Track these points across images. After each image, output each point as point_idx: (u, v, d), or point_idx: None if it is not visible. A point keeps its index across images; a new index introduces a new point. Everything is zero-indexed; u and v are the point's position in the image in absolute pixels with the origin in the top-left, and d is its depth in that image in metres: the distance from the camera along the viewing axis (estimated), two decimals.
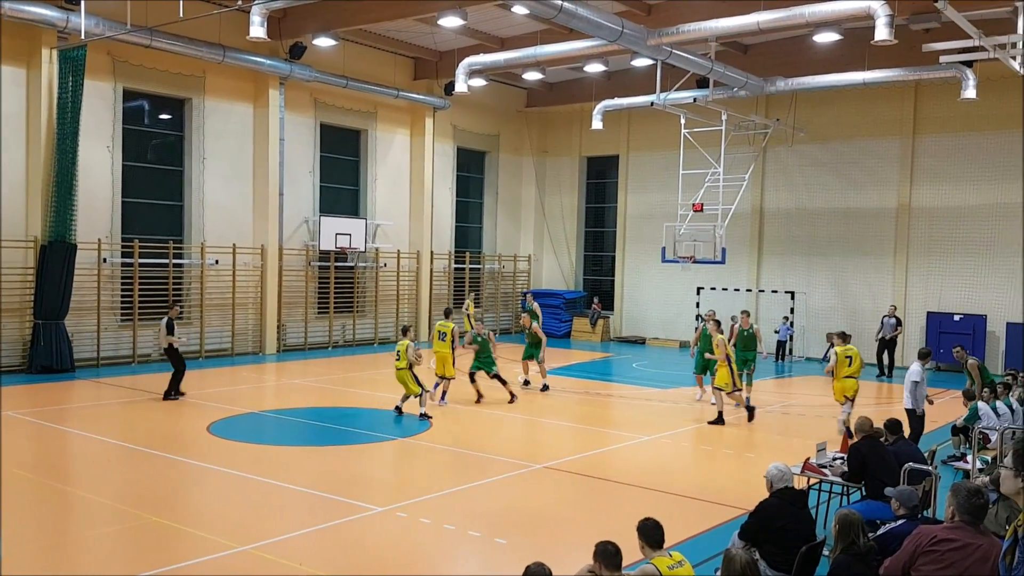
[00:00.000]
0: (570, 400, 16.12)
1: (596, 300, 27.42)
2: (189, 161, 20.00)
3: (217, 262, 20.20)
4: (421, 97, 24.01)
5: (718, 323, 14.11)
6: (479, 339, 15.27)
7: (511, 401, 14.99)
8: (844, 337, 12.81)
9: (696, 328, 16.10)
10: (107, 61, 18.16)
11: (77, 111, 17.00)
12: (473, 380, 15.16)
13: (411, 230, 25.06)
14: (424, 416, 13.20)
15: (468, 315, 22.30)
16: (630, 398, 16.38)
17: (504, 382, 15.07)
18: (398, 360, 13.40)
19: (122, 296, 18.72)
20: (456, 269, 26.85)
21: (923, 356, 11.69)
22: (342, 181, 23.77)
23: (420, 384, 13.36)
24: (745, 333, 15.71)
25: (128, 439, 11.37)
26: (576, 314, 27.88)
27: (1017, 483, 3.66)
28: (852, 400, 12.60)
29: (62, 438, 11.52)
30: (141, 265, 18.82)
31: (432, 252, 25.44)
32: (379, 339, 24.12)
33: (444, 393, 14.77)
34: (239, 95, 20.62)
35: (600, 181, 29.35)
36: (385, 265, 24.30)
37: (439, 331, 14.71)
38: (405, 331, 13.83)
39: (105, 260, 18.28)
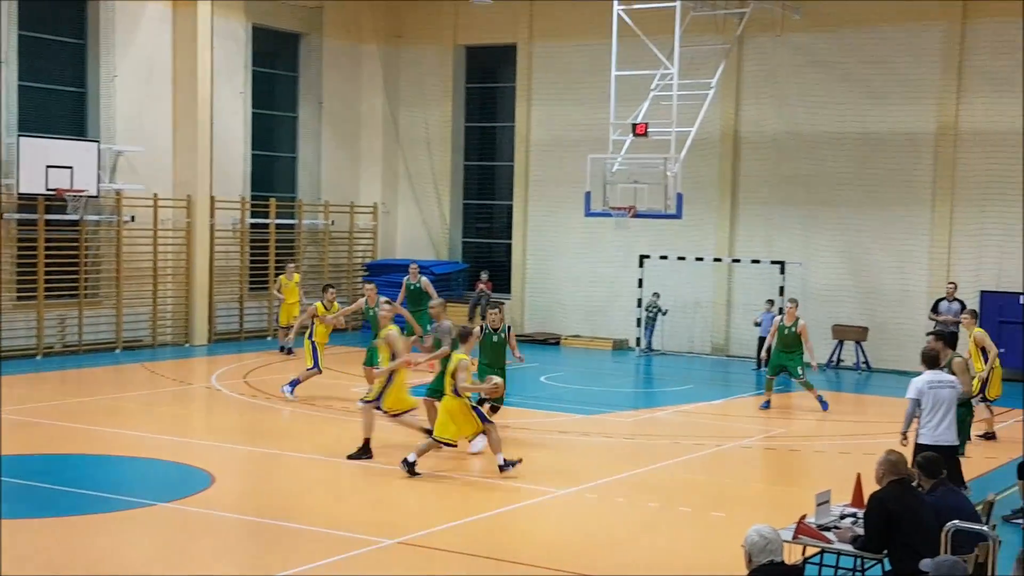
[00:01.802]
0: None
1: (483, 277, 27.52)
2: None
3: None
4: None
5: (389, 303, 15.38)
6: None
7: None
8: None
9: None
10: None
11: None
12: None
13: (177, 162, 24.44)
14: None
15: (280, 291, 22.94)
16: (537, 430, 16.49)
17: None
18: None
19: None
20: (254, 227, 26.37)
21: (929, 361, 11.59)
22: (56, 79, 22.93)
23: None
24: (786, 331, 17.61)
25: None
26: (451, 299, 27.83)
27: None
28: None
29: None
30: None
31: (213, 199, 24.92)
32: (123, 342, 23.50)
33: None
34: None
35: (488, 86, 29.19)
36: (133, 219, 23.66)
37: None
38: (465, 337, 13.37)
39: None
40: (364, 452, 13.62)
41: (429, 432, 13.37)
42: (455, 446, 13.22)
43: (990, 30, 22.67)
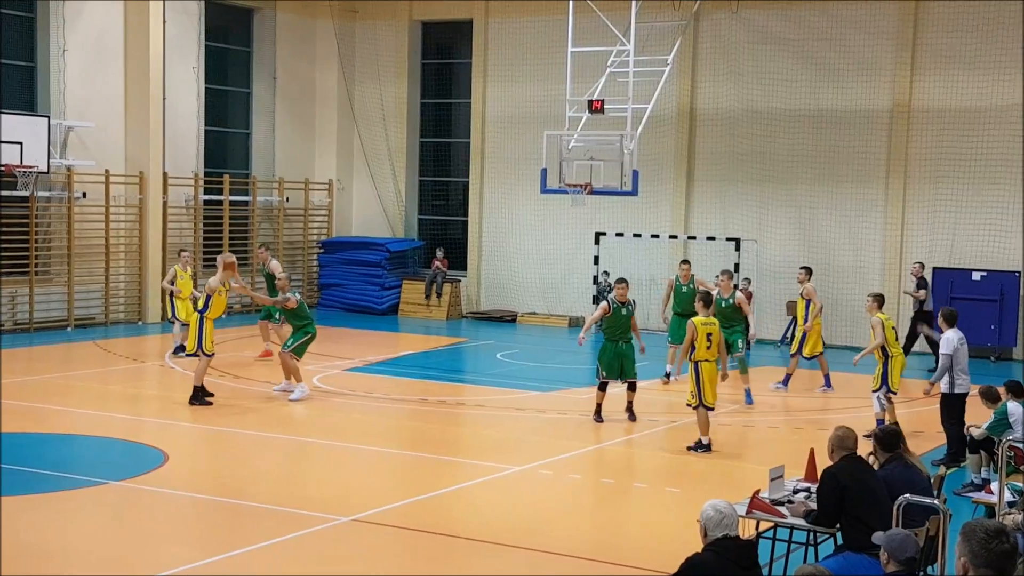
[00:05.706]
0: (396, 413, 16.14)
1: (439, 255, 27.50)
2: None
3: None
4: None
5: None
6: None
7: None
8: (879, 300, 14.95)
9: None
10: None
11: None
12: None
13: (129, 138, 24.21)
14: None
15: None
16: (492, 408, 16.57)
17: None
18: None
19: None
20: (208, 203, 26.22)
21: (951, 319, 13.49)
22: (4, 53, 22.57)
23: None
24: (723, 303, 16.91)
25: None
26: (407, 276, 27.83)
27: None
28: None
29: None
30: None
31: (166, 175, 24.71)
32: (75, 320, 23.29)
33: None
34: None
35: (444, 62, 29.04)
36: (84, 195, 23.43)
37: None
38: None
39: None
40: None
41: None
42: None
43: (943, 8, 22.88)
